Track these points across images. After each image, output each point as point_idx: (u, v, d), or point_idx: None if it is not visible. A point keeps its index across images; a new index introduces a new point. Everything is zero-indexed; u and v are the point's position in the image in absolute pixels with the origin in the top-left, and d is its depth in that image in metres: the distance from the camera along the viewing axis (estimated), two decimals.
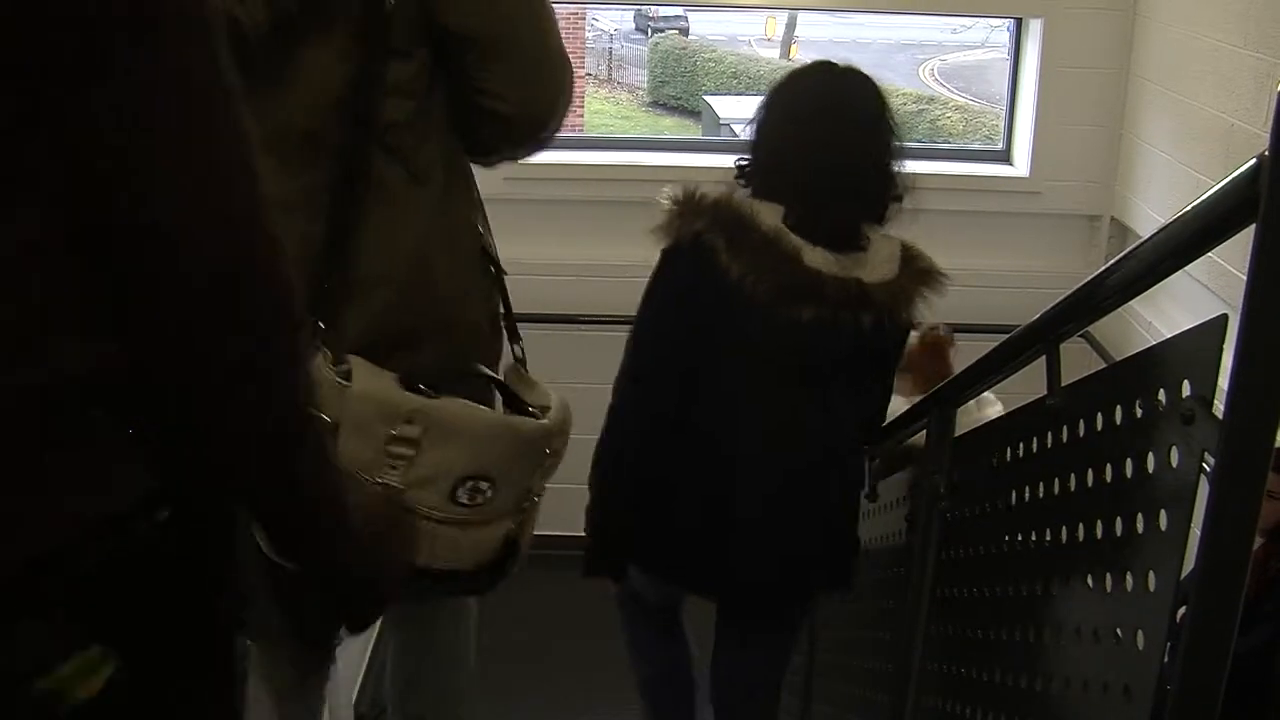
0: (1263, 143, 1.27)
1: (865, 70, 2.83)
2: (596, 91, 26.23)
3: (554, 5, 2.04)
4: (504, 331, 2.13)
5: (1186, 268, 1.58)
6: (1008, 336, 2.20)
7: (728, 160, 2.96)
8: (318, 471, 1.22)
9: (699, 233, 2.56)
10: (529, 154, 2.19)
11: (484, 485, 1.87)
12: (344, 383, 1.76)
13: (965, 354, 2.61)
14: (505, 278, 2.15)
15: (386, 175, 1.86)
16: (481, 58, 1.89)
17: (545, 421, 1.95)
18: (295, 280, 1.11)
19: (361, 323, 1.86)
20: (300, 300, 1.13)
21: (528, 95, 1.99)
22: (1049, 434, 1.91)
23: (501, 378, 2.04)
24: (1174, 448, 1.47)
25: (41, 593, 1.05)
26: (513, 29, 1.91)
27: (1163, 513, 1.49)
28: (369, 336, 1.86)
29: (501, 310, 2.12)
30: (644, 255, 5.78)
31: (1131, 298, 1.76)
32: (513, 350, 2.13)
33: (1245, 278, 1.29)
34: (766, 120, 2.80)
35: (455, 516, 1.86)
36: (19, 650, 1.05)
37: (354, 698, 5.45)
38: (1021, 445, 2.06)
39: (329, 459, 1.25)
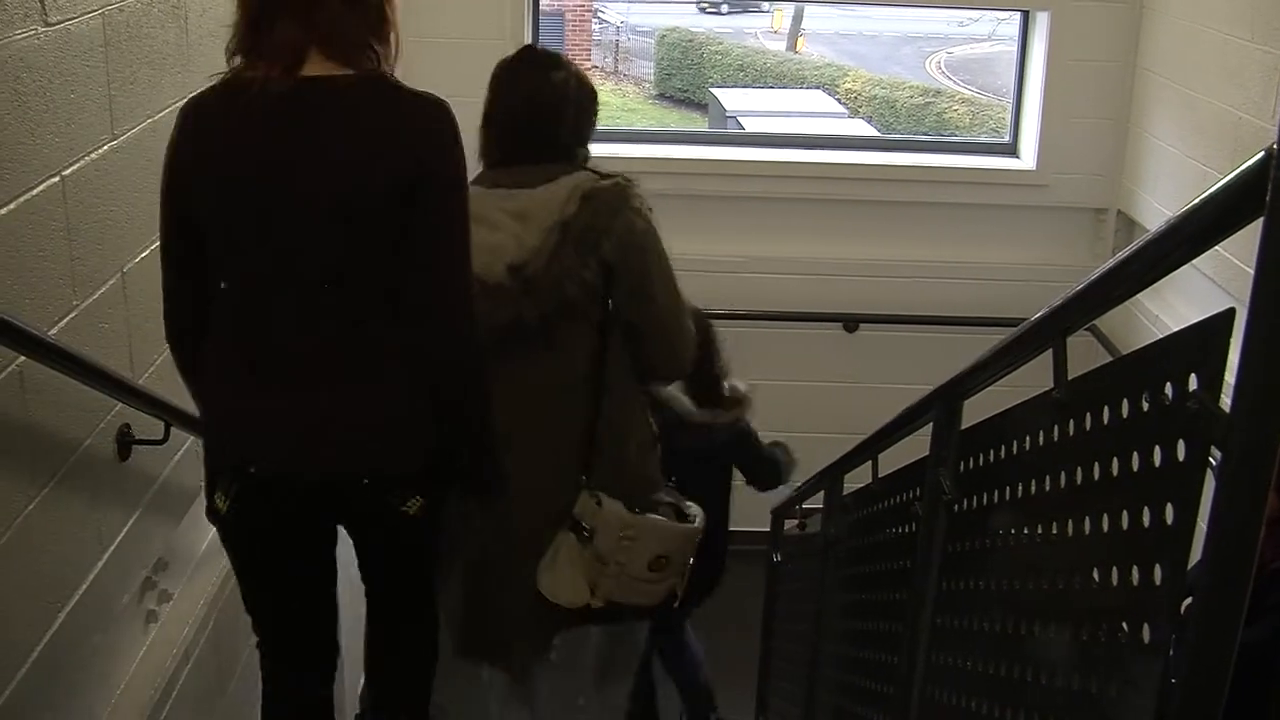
0: (1270, 136, 1.27)
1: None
2: (603, 84, 26.23)
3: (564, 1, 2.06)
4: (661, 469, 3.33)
5: (1193, 261, 1.58)
6: (1014, 330, 2.20)
7: (734, 153, 3.06)
8: (484, 393, 2.59)
9: None
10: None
11: (663, 560, 3.14)
12: (598, 506, 3.05)
13: (971, 347, 2.61)
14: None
15: (608, 396, 3.09)
16: (644, 339, 3.10)
17: (697, 525, 3.24)
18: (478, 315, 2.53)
19: (602, 473, 3.11)
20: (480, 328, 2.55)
21: (668, 363, 3.24)
22: (1055, 427, 1.91)
23: (670, 501, 3.25)
24: (1180, 441, 1.47)
25: (403, 479, 2.56)
26: (662, 324, 3.10)
27: (1169, 506, 1.49)
28: (603, 480, 3.10)
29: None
30: None
31: (1138, 291, 1.75)
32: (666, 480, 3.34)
33: (1252, 271, 1.29)
34: None
35: (649, 578, 3.14)
36: (396, 494, 2.57)
37: (360, 687, 5.46)
38: (1028, 439, 2.06)
39: (487, 393, 2.61)
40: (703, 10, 23.37)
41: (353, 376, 2.45)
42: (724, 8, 23.16)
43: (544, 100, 3.10)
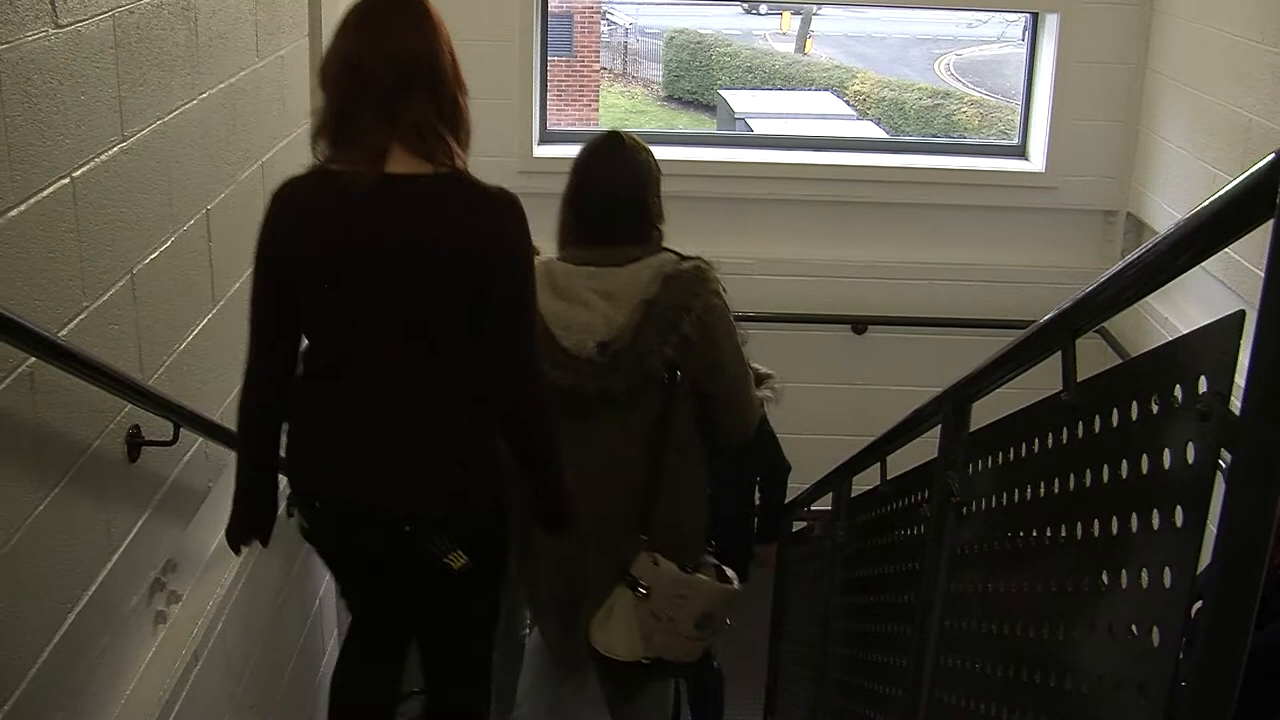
0: None
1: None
2: (612, 85, 26.24)
3: (572, 1, 2.07)
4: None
5: (1203, 264, 1.57)
6: (1023, 332, 2.20)
7: (743, 154, 3.09)
8: (551, 426, 2.95)
9: None
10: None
11: (709, 619, 3.40)
12: (655, 565, 3.30)
13: (980, 349, 2.61)
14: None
15: (669, 458, 3.36)
16: (716, 407, 3.40)
17: (736, 587, 3.51)
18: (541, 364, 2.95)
19: (661, 534, 3.37)
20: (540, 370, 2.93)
21: (736, 427, 3.49)
22: (1064, 430, 1.91)
23: (714, 563, 3.54)
24: (1190, 444, 1.47)
25: (448, 527, 2.80)
26: (733, 392, 3.41)
27: (1178, 509, 1.48)
28: (660, 541, 3.36)
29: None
30: None
31: (1148, 293, 1.75)
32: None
33: (1262, 274, 1.29)
34: None
35: (694, 635, 3.40)
36: (438, 545, 2.80)
37: None
38: (1037, 441, 2.05)
39: (554, 426, 2.96)
40: (748, 12, 23.38)
41: (419, 432, 2.78)
42: (762, 8, 23.16)
43: (628, 188, 3.39)
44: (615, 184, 3.39)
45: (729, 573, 3.52)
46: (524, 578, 3.50)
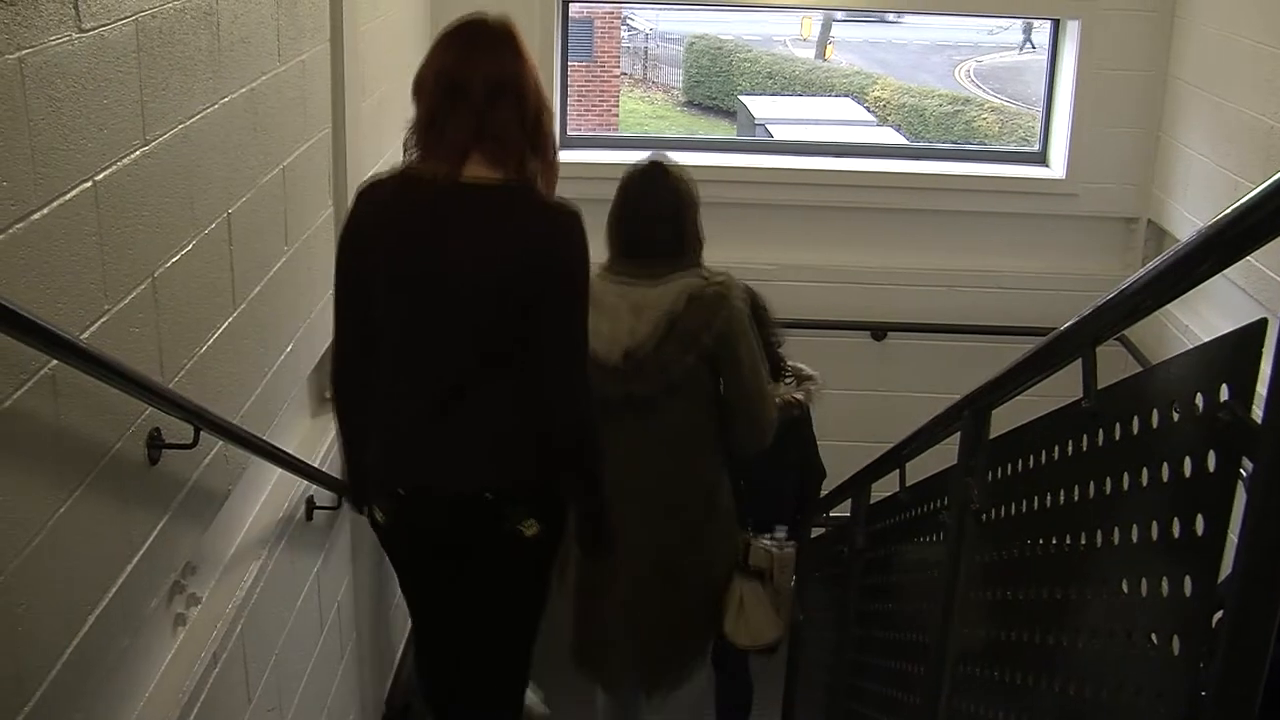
0: None
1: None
2: (632, 91, 26.27)
3: (593, 6, 2.09)
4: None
5: (1224, 271, 1.57)
6: (1043, 339, 2.20)
7: (762, 160, 3.12)
8: (600, 454, 3.10)
9: None
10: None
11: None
12: (765, 551, 3.86)
13: (999, 356, 2.60)
14: None
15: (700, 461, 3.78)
16: (731, 413, 3.67)
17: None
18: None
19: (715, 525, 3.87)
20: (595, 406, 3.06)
21: (750, 435, 3.72)
22: (1085, 437, 1.91)
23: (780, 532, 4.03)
24: (1211, 452, 1.46)
25: (521, 497, 3.04)
26: (749, 404, 3.68)
27: (1199, 517, 1.48)
28: (720, 529, 3.90)
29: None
30: None
31: (1169, 301, 1.75)
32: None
33: None
34: None
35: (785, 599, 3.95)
36: (511, 515, 3.04)
37: (386, 693, 5.47)
38: (1057, 448, 2.05)
39: (603, 455, 3.12)
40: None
41: (486, 421, 3.04)
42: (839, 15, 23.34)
43: (667, 208, 3.67)
44: (653, 205, 3.67)
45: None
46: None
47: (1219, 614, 1.41)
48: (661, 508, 3.67)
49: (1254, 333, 1.41)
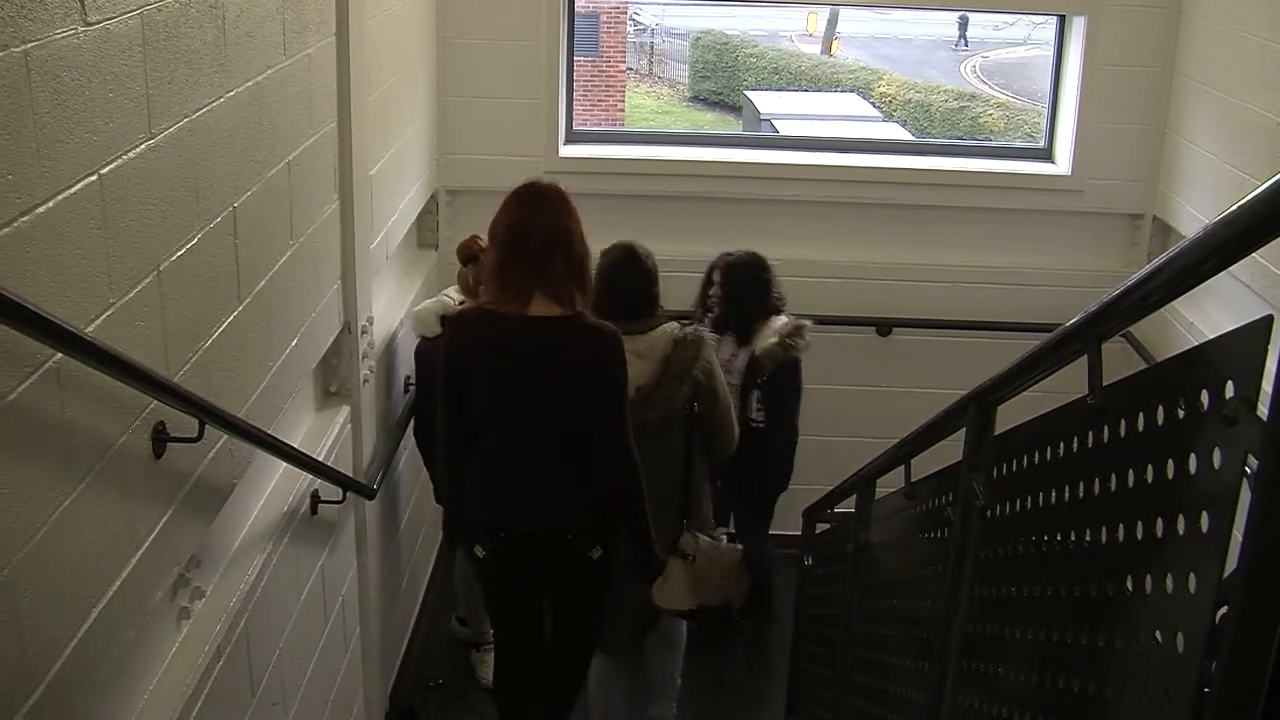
0: None
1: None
2: (638, 86, 26.26)
3: (599, 1, 2.08)
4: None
5: (1230, 268, 1.57)
6: (1049, 335, 2.19)
7: (768, 156, 3.07)
8: (639, 479, 4.15)
9: None
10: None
11: (728, 571, 4.66)
12: (696, 540, 4.57)
13: (1005, 352, 2.60)
14: None
15: (692, 471, 4.63)
16: (710, 429, 4.60)
17: (741, 549, 4.72)
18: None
19: (693, 519, 4.68)
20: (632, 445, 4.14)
21: (724, 443, 4.70)
22: (1090, 434, 1.90)
23: (726, 532, 4.85)
24: (1216, 449, 1.46)
25: (589, 533, 4.17)
26: (724, 422, 4.65)
27: (1204, 514, 1.48)
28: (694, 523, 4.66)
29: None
30: (682, 250, 5.82)
31: (1175, 297, 1.74)
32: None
33: None
34: None
35: (719, 585, 4.62)
36: (584, 545, 4.17)
37: (392, 680, 5.48)
38: (1062, 445, 2.05)
39: (641, 479, 4.16)
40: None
41: (561, 480, 4.13)
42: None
43: (644, 286, 4.60)
44: (633, 285, 4.59)
45: (731, 538, 4.79)
46: None
47: (1223, 610, 1.41)
48: (656, 504, 4.43)
49: (1259, 329, 1.40)
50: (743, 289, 5.55)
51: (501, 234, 3.95)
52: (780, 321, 5.51)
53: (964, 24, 26.28)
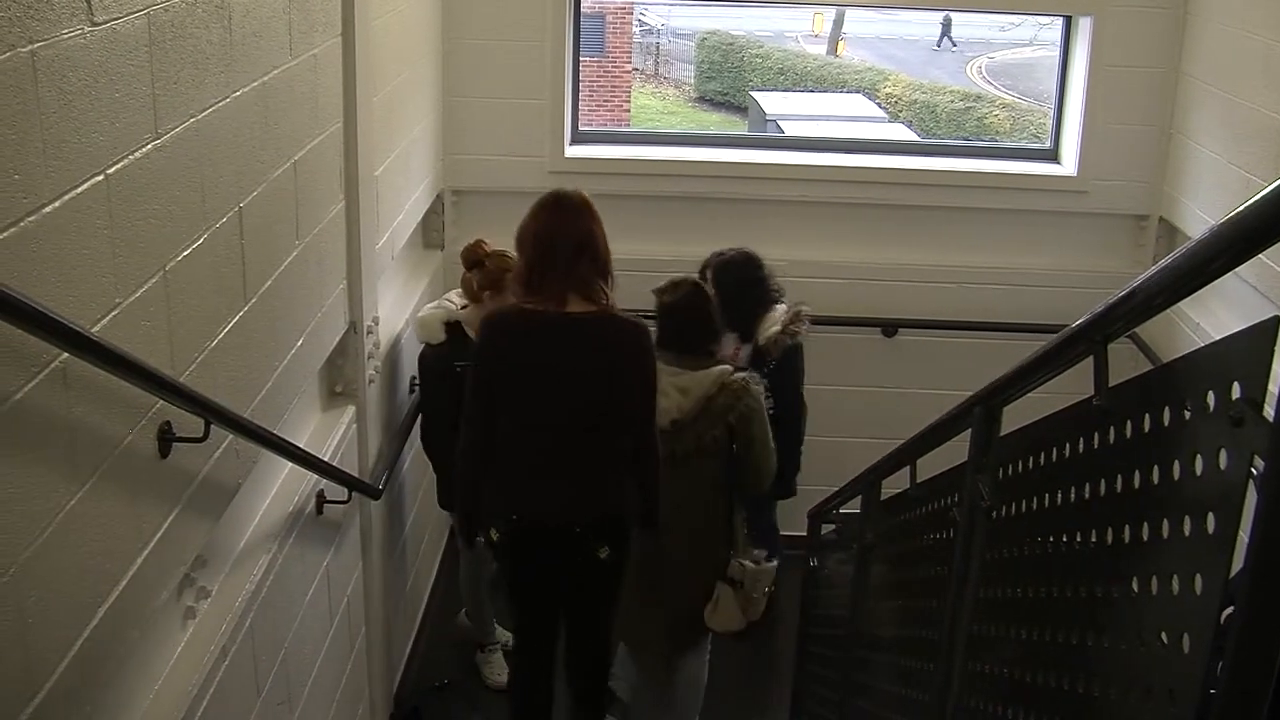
0: None
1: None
2: (643, 86, 26.26)
3: (604, 2, 2.08)
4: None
5: (1236, 269, 1.56)
6: (1055, 336, 2.19)
7: (773, 156, 3.06)
8: (658, 461, 4.33)
9: None
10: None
11: (770, 590, 4.94)
12: (743, 566, 4.82)
13: (1010, 353, 2.60)
14: None
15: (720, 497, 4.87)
16: (744, 468, 4.73)
17: (775, 565, 4.99)
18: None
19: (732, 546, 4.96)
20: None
21: (756, 483, 4.83)
22: (1095, 435, 1.90)
23: (758, 552, 4.99)
24: (1222, 450, 1.46)
25: (598, 531, 4.27)
26: (759, 462, 4.76)
27: (1210, 515, 1.48)
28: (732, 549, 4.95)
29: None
30: (687, 250, 5.81)
31: (1181, 298, 1.74)
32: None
33: None
34: None
35: (756, 602, 4.85)
36: (592, 542, 4.26)
37: (397, 680, 5.48)
38: (1067, 446, 2.05)
39: (660, 462, 4.35)
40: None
41: (579, 472, 4.29)
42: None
43: (702, 320, 4.77)
44: (693, 323, 4.77)
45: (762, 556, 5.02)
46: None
47: (1228, 611, 1.41)
48: (687, 531, 4.71)
49: (1266, 331, 1.40)
50: (738, 288, 5.47)
51: (530, 241, 4.18)
52: (780, 310, 5.53)
53: (947, 25, 26.29)
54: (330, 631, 4.29)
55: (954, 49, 26.92)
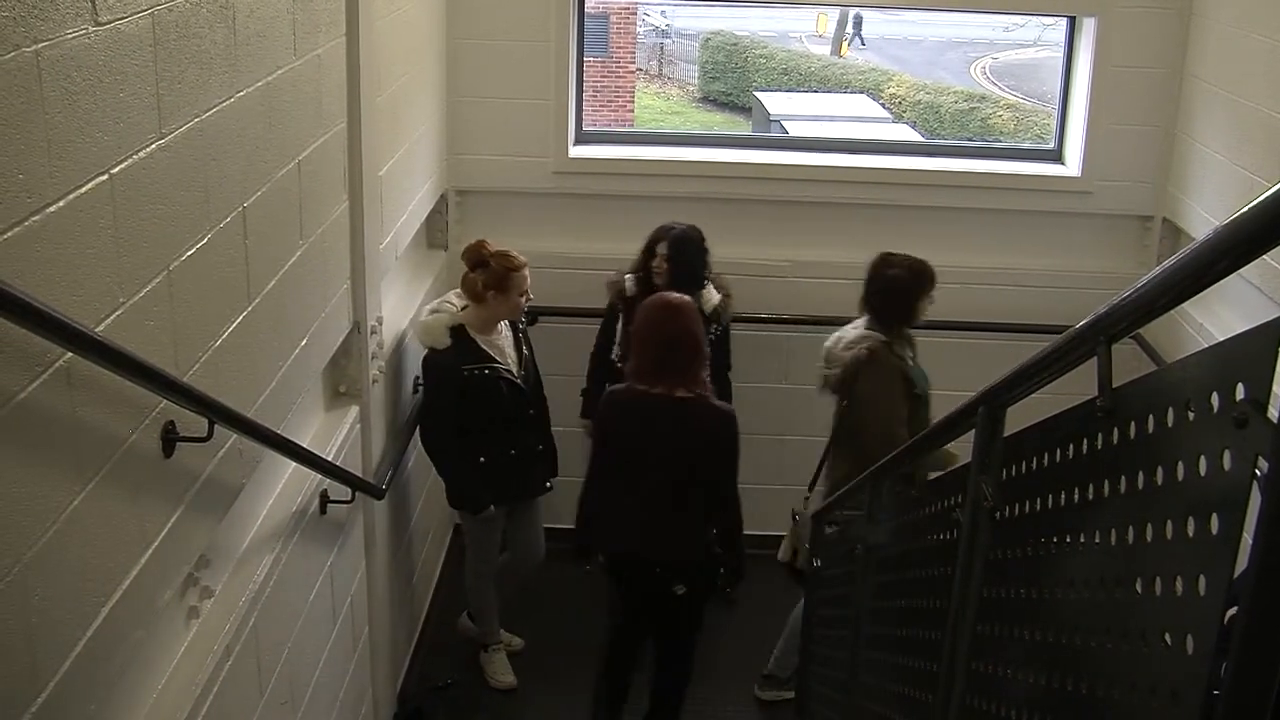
0: None
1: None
2: (647, 86, 26.26)
3: (609, 1, 2.08)
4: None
5: (1240, 270, 1.56)
6: (1059, 337, 2.19)
7: (777, 157, 3.04)
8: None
9: None
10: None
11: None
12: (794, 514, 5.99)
13: (1014, 354, 2.60)
14: (552, 272, 5.59)
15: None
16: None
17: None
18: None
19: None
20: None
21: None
22: (1099, 435, 1.90)
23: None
24: (1226, 451, 1.46)
25: (677, 571, 5.16)
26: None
27: (1214, 516, 1.47)
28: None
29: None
30: None
31: (1185, 299, 1.74)
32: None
33: None
34: None
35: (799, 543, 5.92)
36: (670, 580, 5.13)
37: (400, 680, 5.48)
38: (1071, 446, 2.04)
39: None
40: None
41: (668, 520, 5.06)
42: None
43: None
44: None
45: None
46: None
47: (1232, 611, 1.41)
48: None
49: (1270, 332, 1.40)
50: (691, 259, 5.86)
51: (645, 336, 5.07)
52: (710, 288, 5.99)
53: (858, 23, 26.27)
54: (333, 631, 4.29)
55: (863, 47, 26.89)
